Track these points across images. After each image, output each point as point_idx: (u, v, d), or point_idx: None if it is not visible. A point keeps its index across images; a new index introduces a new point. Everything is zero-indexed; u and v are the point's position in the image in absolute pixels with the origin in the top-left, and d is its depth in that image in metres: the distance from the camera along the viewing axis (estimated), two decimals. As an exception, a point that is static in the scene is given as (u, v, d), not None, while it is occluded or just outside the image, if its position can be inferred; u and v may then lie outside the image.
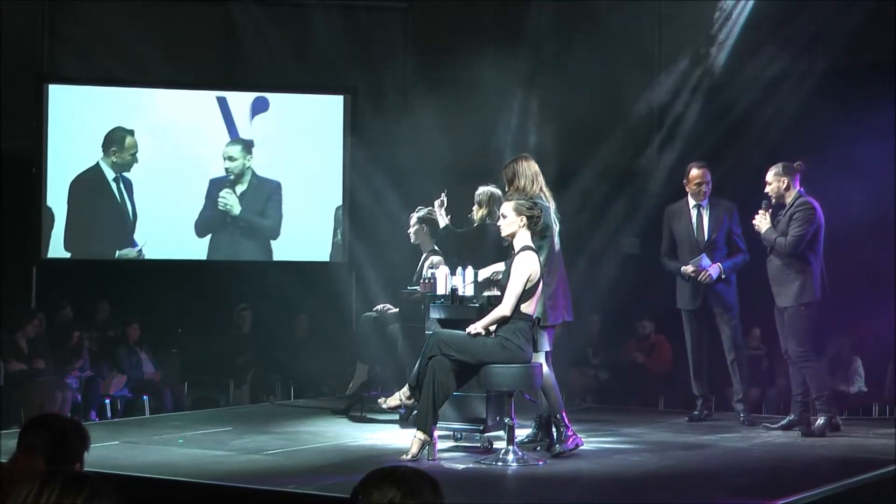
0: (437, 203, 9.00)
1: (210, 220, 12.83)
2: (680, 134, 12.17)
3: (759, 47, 11.64)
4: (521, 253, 7.39)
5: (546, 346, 7.82)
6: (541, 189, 7.91)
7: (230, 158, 12.82)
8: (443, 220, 8.93)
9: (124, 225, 12.61)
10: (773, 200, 8.73)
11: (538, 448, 7.85)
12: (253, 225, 12.94)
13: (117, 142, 12.50)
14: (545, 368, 7.69)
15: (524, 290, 7.33)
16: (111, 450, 7.81)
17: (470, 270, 8.14)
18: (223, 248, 12.92)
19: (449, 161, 12.18)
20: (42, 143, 12.36)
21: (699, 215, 9.32)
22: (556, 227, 7.92)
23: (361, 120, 13.16)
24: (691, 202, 9.35)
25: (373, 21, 13.16)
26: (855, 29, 11.11)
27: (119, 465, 7.08)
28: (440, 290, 8.18)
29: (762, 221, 8.73)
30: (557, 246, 7.92)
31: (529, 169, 7.93)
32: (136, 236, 12.60)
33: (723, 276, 9.16)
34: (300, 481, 6.68)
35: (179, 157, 12.78)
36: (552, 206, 7.92)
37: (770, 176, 8.72)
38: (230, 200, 12.82)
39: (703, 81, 12.07)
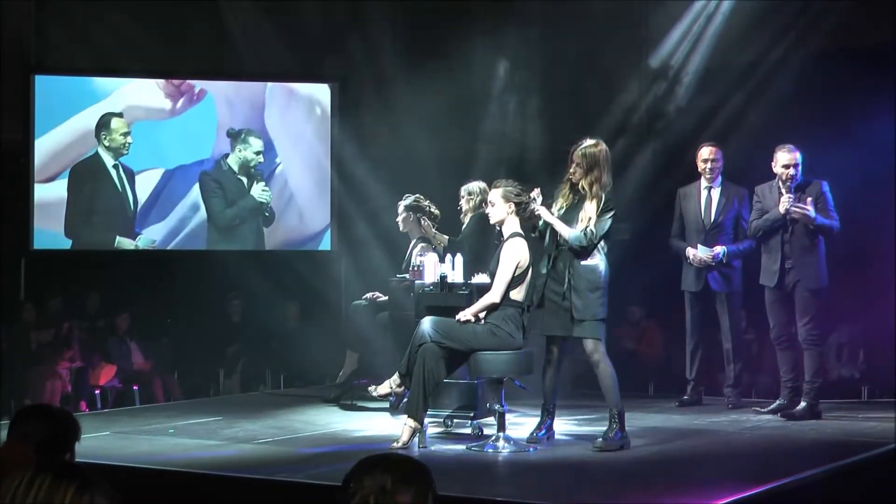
0: (426, 228, 9.09)
1: (244, 212, 12.83)
2: (668, 119, 12.16)
3: (748, 32, 11.62)
4: (510, 240, 7.40)
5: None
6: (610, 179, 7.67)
7: (258, 152, 12.80)
8: (442, 237, 9.02)
9: (124, 213, 12.56)
10: (787, 183, 8.70)
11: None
12: (268, 215, 12.98)
13: (105, 126, 12.45)
14: (606, 361, 7.60)
15: (513, 277, 7.34)
16: (102, 440, 7.80)
17: (459, 258, 8.15)
18: (250, 239, 12.95)
19: (437, 148, 12.17)
20: (30, 134, 12.33)
21: (708, 197, 9.34)
22: None
23: (348, 109, 13.14)
24: (703, 183, 9.37)
25: (360, 9, 13.13)
26: (846, 12, 11.11)
27: (110, 455, 7.07)
28: (429, 278, 8.18)
29: (806, 208, 8.62)
30: None
31: (607, 157, 7.60)
32: (136, 227, 12.57)
33: (724, 261, 9.17)
34: (291, 470, 6.69)
35: (170, 148, 12.76)
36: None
37: (796, 158, 8.67)
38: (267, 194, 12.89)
39: (690, 67, 12.05)
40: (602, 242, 7.54)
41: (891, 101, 10.59)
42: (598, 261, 7.51)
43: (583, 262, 7.48)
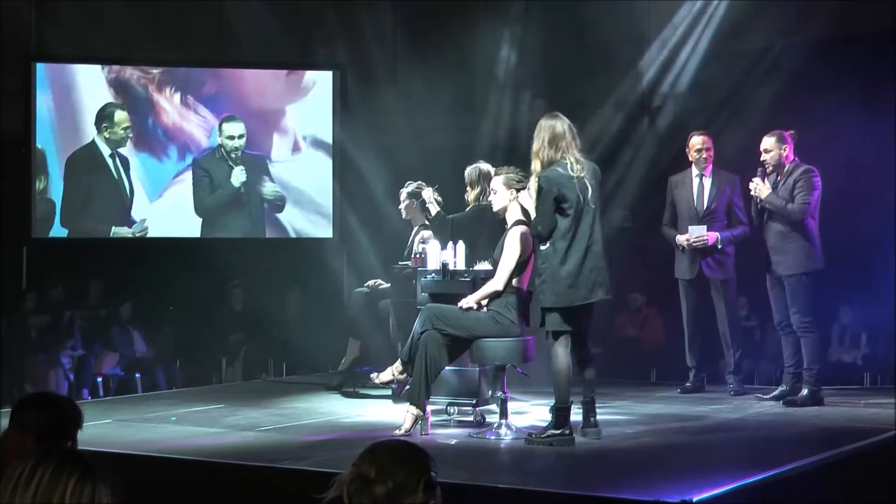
0: (426, 194, 8.99)
1: (223, 201, 12.81)
2: (670, 106, 12.15)
3: (747, 20, 11.61)
4: (514, 227, 7.38)
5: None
6: (563, 154, 7.00)
7: (231, 137, 12.78)
8: (434, 207, 8.91)
9: (121, 202, 12.58)
10: (770, 168, 8.70)
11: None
12: (275, 201, 12.95)
13: (108, 117, 12.47)
14: (555, 353, 7.14)
15: (516, 265, 7.33)
16: (104, 428, 7.80)
17: (461, 245, 8.13)
18: (240, 226, 12.95)
19: (439, 135, 12.16)
20: (31, 123, 12.32)
21: (700, 185, 9.34)
22: (587, 198, 7.03)
23: (350, 96, 13.12)
24: (694, 171, 9.37)
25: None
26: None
27: (112, 443, 7.08)
28: (431, 265, 8.17)
29: (762, 188, 8.68)
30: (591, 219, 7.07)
31: (549, 130, 7.01)
32: (133, 214, 12.57)
33: (718, 246, 9.17)
34: (293, 457, 6.69)
35: (169, 135, 12.75)
36: (576, 174, 6.98)
37: (770, 143, 8.69)
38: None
39: (693, 54, 12.04)
40: (560, 224, 7.01)
41: (890, 88, 10.58)
42: (546, 245, 7.08)
43: (541, 247, 7.16)
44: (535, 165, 7.07)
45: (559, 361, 7.09)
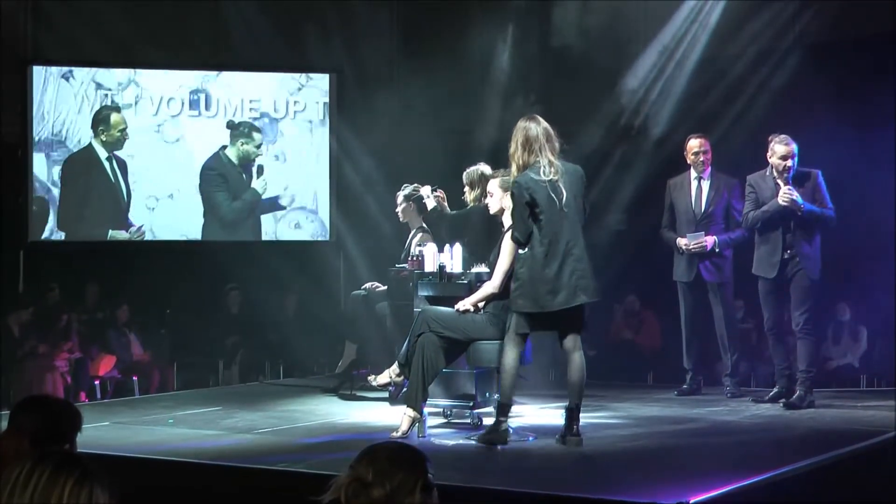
0: (424, 191, 9.00)
1: (249, 206, 12.87)
2: (666, 110, 12.17)
3: (744, 22, 11.64)
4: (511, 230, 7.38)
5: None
6: (537, 157, 6.95)
7: (259, 146, 12.80)
8: (431, 202, 8.91)
9: (117, 205, 12.58)
10: (783, 174, 8.68)
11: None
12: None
13: (104, 120, 12.47)
14: (504, 351, 7.18)
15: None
16: (101, 431, 7.80)
17: (458, 248, 8.14)
18: (252, 231, 13.03)
19: (436, 138, 12.16)
20: (27, 126, 12.31)
21: (699, 188, 9.35)
22: (561, 202, 6.97)
23: (347, 99, 13.12)
24: (693, 174, 9.38)
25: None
26: (842, 2, 11.14)
27: (109, 445, 7.07)
28: (428, 268, 8.18)
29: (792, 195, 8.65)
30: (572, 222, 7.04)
31: (523, 133, 6.97)
32: (130, 217, 12.57)
33: (716, 250, 9.18)
34: (290, 459, 6.69)
35: (168, 139, 12.75)
36: (548, 177, 6.94)
37: (793, 149, 8.63)
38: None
39: (688, 58, 12.06)
40: (535, 229, 6.98)
41: (890, 89, 10.60)
42: (524, 250, 7.07)
43: (520, 251, 7.13)
44: (513, 168, 7.08)
45: (506, 358, 7.09)
